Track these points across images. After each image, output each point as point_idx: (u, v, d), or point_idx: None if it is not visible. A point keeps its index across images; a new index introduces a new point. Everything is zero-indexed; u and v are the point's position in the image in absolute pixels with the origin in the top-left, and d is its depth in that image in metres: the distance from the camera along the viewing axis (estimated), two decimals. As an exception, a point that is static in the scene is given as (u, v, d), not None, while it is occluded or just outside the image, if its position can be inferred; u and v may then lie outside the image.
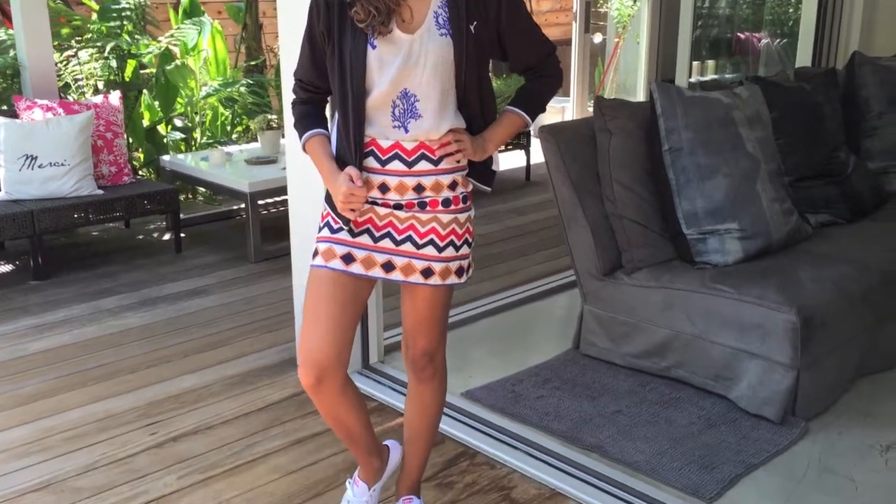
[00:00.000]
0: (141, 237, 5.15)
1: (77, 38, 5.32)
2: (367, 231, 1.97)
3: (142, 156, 5.74)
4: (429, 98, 1.88)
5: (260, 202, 4.71)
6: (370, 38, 1.85)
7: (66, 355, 3.43)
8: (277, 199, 5.28)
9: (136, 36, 5.63)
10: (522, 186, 6.35)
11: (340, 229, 1.97)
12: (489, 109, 2.02)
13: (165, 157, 5.23)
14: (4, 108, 4.76)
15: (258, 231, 4.63)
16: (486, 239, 4.97)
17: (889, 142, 3.88)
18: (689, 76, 6.97)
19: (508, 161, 6.79)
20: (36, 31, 4.77)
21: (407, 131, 1.90)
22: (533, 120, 2.07)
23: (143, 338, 3.60)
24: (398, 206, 1.95)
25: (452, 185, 1.97)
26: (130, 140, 5.55)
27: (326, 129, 2.01)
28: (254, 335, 3.63)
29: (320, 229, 2.02)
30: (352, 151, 1.91)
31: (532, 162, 6.48)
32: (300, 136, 2.01)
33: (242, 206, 5.17)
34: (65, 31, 5.36)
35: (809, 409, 2.82)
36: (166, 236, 5.11)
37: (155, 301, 4.04)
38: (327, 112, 2.11)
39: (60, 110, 4.55)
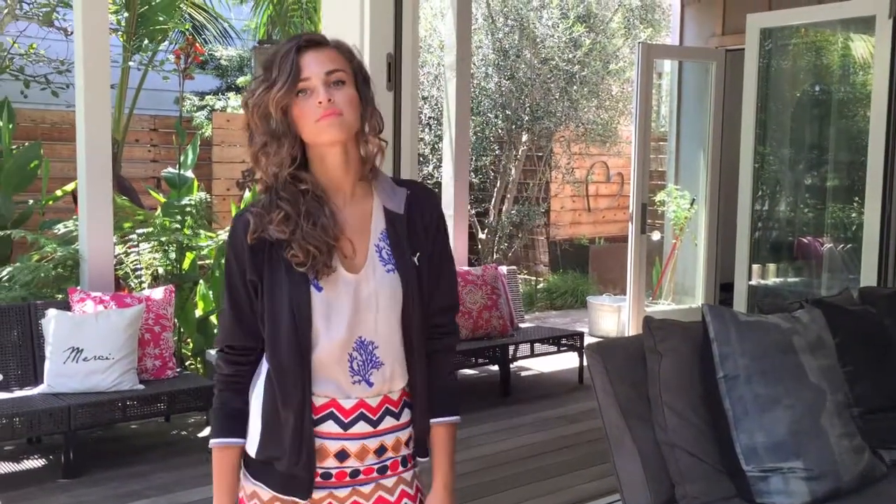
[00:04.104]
0: (176, 432, 5.03)
1: (139, 232, 5.48)
2: None
3: (192, 345, 5.75)
4: (389, 342, 1.70)
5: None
6: (312, 280, 1.65)
7: (77, 571, 3.25)
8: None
9: (199, 231, 5.79)
10: (574, 389, 6.11)
11: None
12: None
13: (211, 351, 5.21)
14: (59, 296, 4.84)
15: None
16: (532, 450, 4.71)
17: (967, 369, 3.61)
18: (749, 279, 6.81)
19: (560, 362, 6.60)
20: (99, 226, 4.92)
21: (371, 385, 1.68)
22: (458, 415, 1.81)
23: (162, 552, 3.41)
24: (356, 474, 1.72)
25: (408, 441, 1.78)
26: (182, 329, 5.58)
27: (245, 437, 1.74)
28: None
29: None
30: (289, 422, 1.65)
31: (585, 363, 6.28)
32: (212, 431, 1.75)
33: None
34: (127, 224, 5.55)
35: None
36: (203, 432, 4.99)
37: (181, 508, 3.86)
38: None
39: (112, 303, 4.59)
